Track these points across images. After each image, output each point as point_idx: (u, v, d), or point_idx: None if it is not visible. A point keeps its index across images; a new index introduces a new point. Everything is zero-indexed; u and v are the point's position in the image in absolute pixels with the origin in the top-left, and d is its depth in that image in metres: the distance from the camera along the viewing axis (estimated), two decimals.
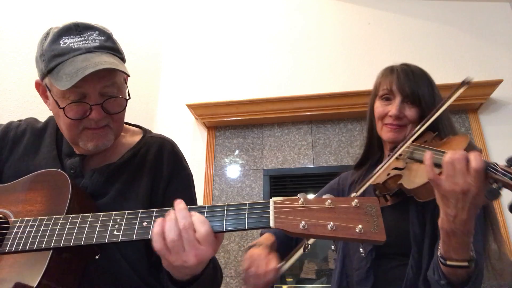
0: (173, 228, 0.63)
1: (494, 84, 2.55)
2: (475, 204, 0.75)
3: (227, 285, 2.52)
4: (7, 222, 0.76)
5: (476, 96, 2.58)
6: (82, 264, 0.76)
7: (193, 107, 2.91)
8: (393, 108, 1.07)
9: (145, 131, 1.06)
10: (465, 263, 0.78)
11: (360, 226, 0.59)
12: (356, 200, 0.62)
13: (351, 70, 2.91)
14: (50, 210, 0.77)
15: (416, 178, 0.94)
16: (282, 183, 2.82)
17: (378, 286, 1.00)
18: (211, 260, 0.73)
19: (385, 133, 1.10)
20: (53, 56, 0.83)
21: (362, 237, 0.58)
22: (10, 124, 1.00)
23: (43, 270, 0.67)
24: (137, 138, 1.02)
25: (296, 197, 0.65)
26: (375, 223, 0.59)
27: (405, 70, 1.11)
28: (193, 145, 2.99)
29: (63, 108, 0.83)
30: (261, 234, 1.20)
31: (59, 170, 0.84)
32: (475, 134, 2.60)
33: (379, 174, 1.08)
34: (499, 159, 0.73)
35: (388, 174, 1.02)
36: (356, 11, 3.13)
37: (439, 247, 0.83)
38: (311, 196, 0.68)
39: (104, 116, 0.85)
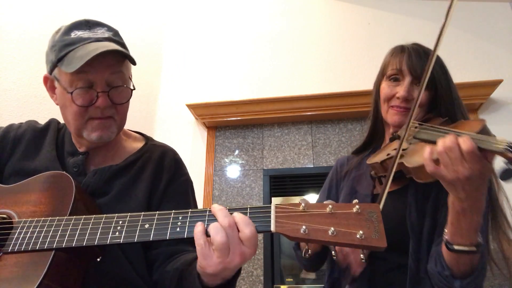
0: (219, 229, 0.61)
1: (494, 84, 2.55)
2: (483, 182, 0.73)
3: None
4: (11, 223, 0.77)
5: (476, 96, 2.57)
6: (83, 266, 0.76)
7: (193, 107, 2.91)
8: (401, 90, 1.00)
9: (147, 139, 1.08)
10: (473, 248, 0.76)
11: (361, 232, 0.58)
12: (357, 206, 0.61)
13: (351, 70, 2.91)
14: (53, 211, 0.77)
15: (417, 156, 0.86)
16: (282, 183, 2.82)
17: None
18: None
19: (391, 116, 1.03)
20: (64, 46, 0.86)
21: (362, 243, 0.58)
22: (10, 126, 1.02)
23: (45, 270, 0.67)
24: (139, 144, 1.04)
25: (298, 202, 0.65)
26: (376, 230, 0.59)
27: (417, 49, 1.04)
28: (193, 145, 2.99)
29: (71, 93, 0.84)
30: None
31: (64, 172, 0.84)
32: None
33: (378, 155, 1.01)
34: (500, 159, 0.72)
35: (388, 154, 0.95)
36: (356, 11, 3.13)
37: (445, 233, 0.80)
38: (312, 196, 0.68)
39: (109, 104, 0.87)
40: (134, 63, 0.92)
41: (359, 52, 2.96)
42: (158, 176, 0.96)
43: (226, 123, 2.96)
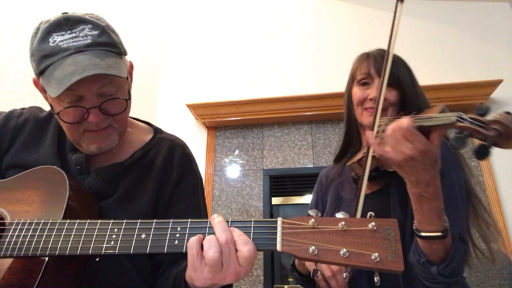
0: (213, 244, 0.58)
1: (494, 84, 2.55)
2: (431, 163, 0.76)
3: None
4: (4, 223, 0.74)
5: (476, 96, 2.57)
6: (81, 267, 0.73)
7: (193, 107, 2.91)
8: (372, 91, 1.05)
9: (156, 130, 1.02)
10: (439, 233, 0.78)
11: (376, 254, 0.54)
12: (373, 223, 0.56)
13: None
14: (47, 211, 0.74)
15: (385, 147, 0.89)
16: (282, 183, 2.82)
17: None
18: None
19: (366, 118, 1.07)
20: (42, 57, 0.78)
21: (377, 266, 0.53)
22: (12, 113, 0.96)
23: (39, 277, 0.65)
24: (146, 137, 0.98)
25: (307, 216, 0.60)
26: (392, 250, 0.54)
27: (382, 54, 1.08)
28: (193, 145, 2.96)
29: (58, 114, 0.79)
30: None
31: (57, 168, 0.80)
32: None
33: (356, 155, 1.03)
34: (499, 159, 0.73)
35: (364, 153, 0.98)
36: (356, 11, 3.13)
37: (414, 221, 0.83)
38: (310, 197, 0.65)
39: (103, 118, 0.81)
40: (125, 53, 0.85)
41: (359, 52, 2.95)
42: (166, 175, 0.91)
43: (226, 123, 2.96)
